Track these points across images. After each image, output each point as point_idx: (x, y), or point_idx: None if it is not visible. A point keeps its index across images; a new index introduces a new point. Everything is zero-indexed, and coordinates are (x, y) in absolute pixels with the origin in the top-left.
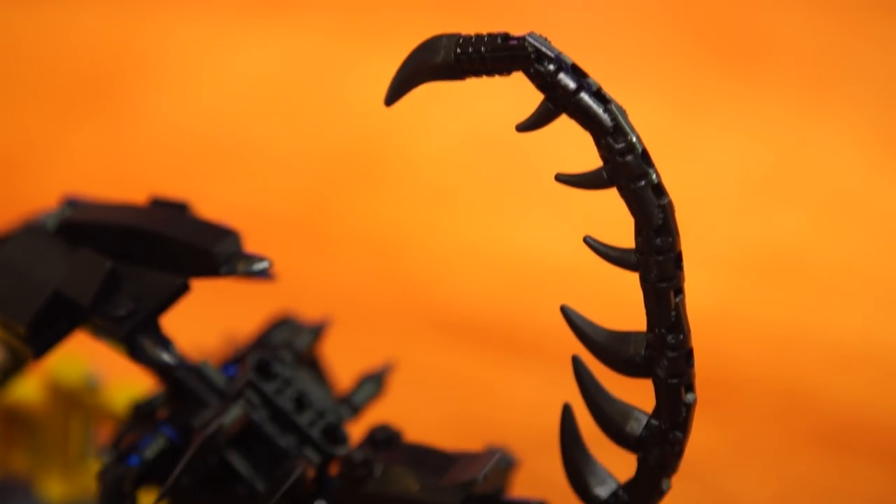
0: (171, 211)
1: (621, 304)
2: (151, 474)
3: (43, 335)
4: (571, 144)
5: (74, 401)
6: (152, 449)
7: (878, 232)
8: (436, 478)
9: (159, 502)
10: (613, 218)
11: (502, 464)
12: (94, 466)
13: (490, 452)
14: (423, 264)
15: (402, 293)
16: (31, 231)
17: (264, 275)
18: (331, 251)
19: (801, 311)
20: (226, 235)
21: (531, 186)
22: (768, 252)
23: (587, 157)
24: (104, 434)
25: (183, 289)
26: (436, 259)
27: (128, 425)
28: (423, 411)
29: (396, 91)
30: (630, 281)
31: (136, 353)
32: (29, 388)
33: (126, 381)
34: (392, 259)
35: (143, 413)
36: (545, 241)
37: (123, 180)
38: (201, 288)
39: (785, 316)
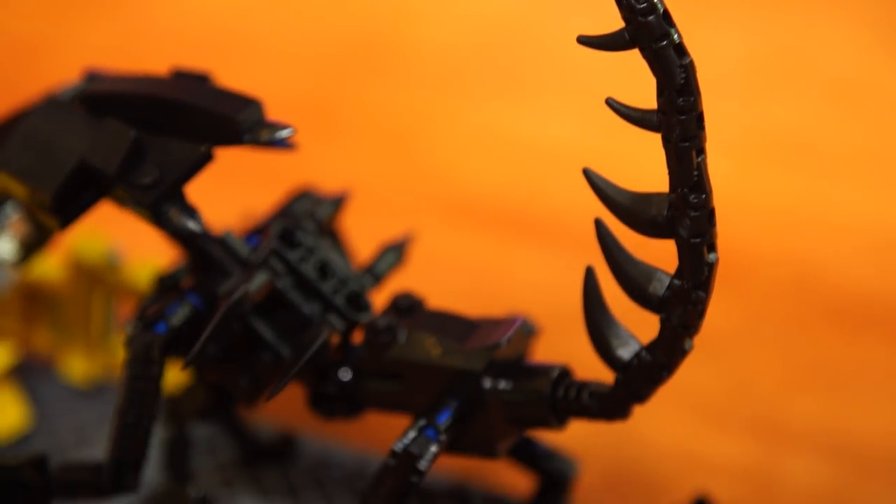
0: (193, 81)
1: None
2: (177, 342)
3: (69, 205)
4: (581, 26)
5: (96, 278)
6: (179, 316)
7: (884, 115)
8: (459, 342)
9: (186, 367)
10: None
11: (524, 330)
12: (115, 344)
13: (512, 319)
14: (434, 150)
15: (414, 179)
16: (53, 103)
17: (285, 144)
18: (341, 138)
19: (809, 193)
20: (249, 104)
21: (541, 73)
22: (776, 136)
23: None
24: (125, 312)
25: (207, 157)
26: (447, 145)
27: (153, 297)
28: (437, 289)
29: None
30: (639, 163)
31: (162, 222)
32: (51, 265)
33: (146, 259)
34: (403, 146)
35: (167, 285)
36: (555, 127)
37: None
38: (217, 173)
39: (794, 198)
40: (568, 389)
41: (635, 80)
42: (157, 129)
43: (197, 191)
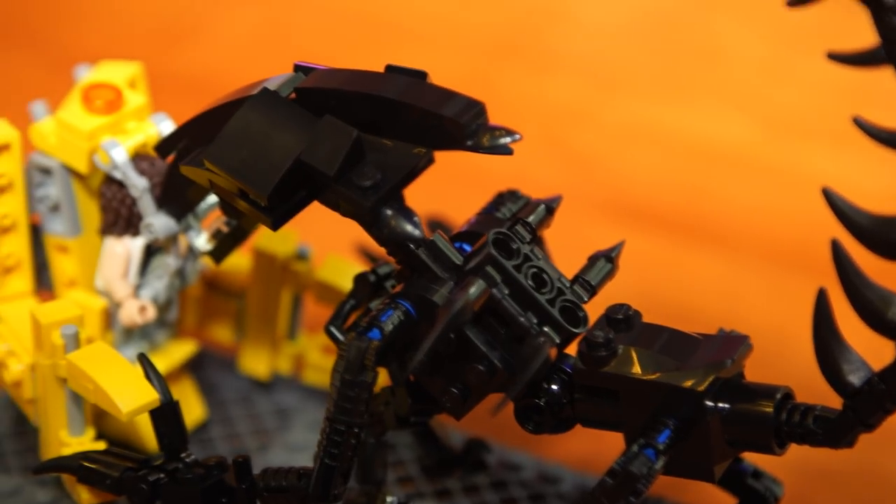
0: (410, 79)
1: (791, 190)
2: (388, 349)
3: (282, 205)
4: (737, 27)
5: (284, 272)
6: (392, 322)
7: None
8: (679, 359)
9: (406, 374)
10: (787, 104)
11: (745, 348)
12: (300, 342)
13: (737, 337)
14: (591, 146)
15: (570, 174)
16: (266, 97)
17: (505, 150)
18: None
19: None
20: (472, 106)
21: (702, 70)
22: None
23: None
24: (312, 308)
25: (428, 160)
26: (604, 140)
27: (353, 298)
28: (606, 291)
29: None
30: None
31: (379, 225)
32: (237, 259)
33: (334, 254)
34: (559, 140)
35: (367, 286)
36: (717, 125)
37: (279, 48)
38: None
39: None
40: (792, 413)
41: (799, 81)
42: (375, 128)
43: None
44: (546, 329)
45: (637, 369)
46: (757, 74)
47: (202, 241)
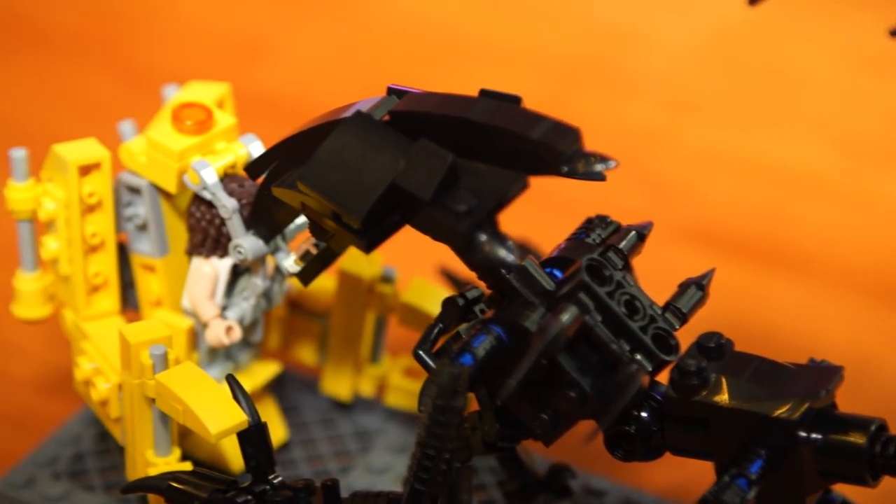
0: (504, 103)
1: (871, 216)
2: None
3: (375, 228)
4: (815, 51)
5: (369, 296)
6: (484, 347)
7: None
8: (773, 389)
9: (497, 400)
10: (865, 129)
11: (837, 379)
12: (383, 365)
13: (831, 367)
14: (667, 170)
15: (647, 198)
16: (361, 120)
17: (599, 176)
18: None
19: None
20: (568, 132)
21: (779, 93)
22: None
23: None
24: (396, 331)
25: (523, 186)
26: (681, 166)
27: (442, 322)
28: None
29: None
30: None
31: (472, 250)
32: (322, 281)
33: (419, 277)
34: (636, 164)
35: (456, 310)
36: (792, 150)
37: (356, 68)
38: None
39: None
40: (886, 444)
41: (878, 105)
42: (469, 152)
43: None
44: (638, 357)
45: (729, 398)
46: (835, 99)
47: (290, 263)
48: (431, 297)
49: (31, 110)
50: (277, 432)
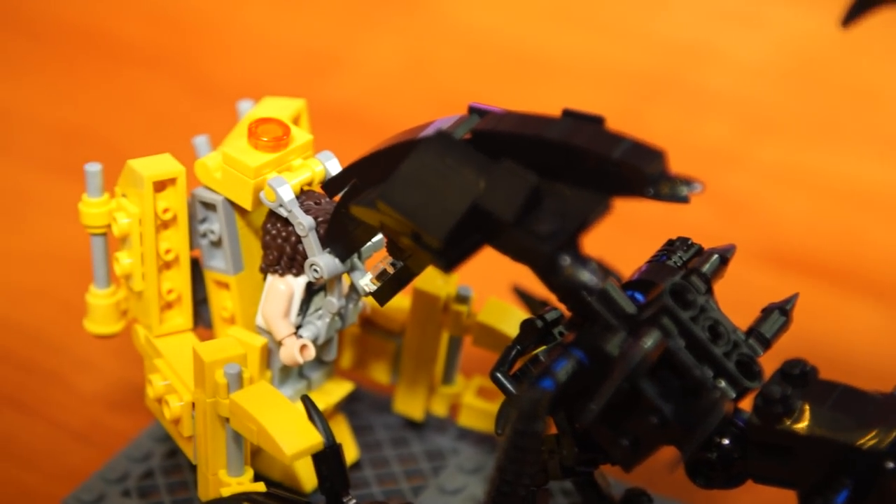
0: (587, 124)
1: None
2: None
3: (455, 249)
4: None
5: (444, 315)
6: (566, 371)
7: None
8: (859, 418)
9: (577, 424)
10: None
11: None
12: (457, 385)
13: None
14: (740, 189)
15: (720, 217)
16: (441, 140)
17: (684, 199)
18: None
19: None
20: (655, 155)
21: (854, 111)
22: None
23: None
24: (470, 350)
25: (606, 208)
26: (754, 184)
27: (519, 343)
28: None
29: (854, 12)
30: None
31: (555, 272)
32: (396, 299)
33: (496, 300)
34: (708, 182)
35: (534, 332)
36: (868, 169)
37: (427, 82)
38: None
39: None
40: None
41: None
42: (552, 173)
43: None
44: (722, 383)
45: (813, 427)
46: None
47: (367, 282)
48: (507, 318)
49: (102, 121)
50: (349, 451)
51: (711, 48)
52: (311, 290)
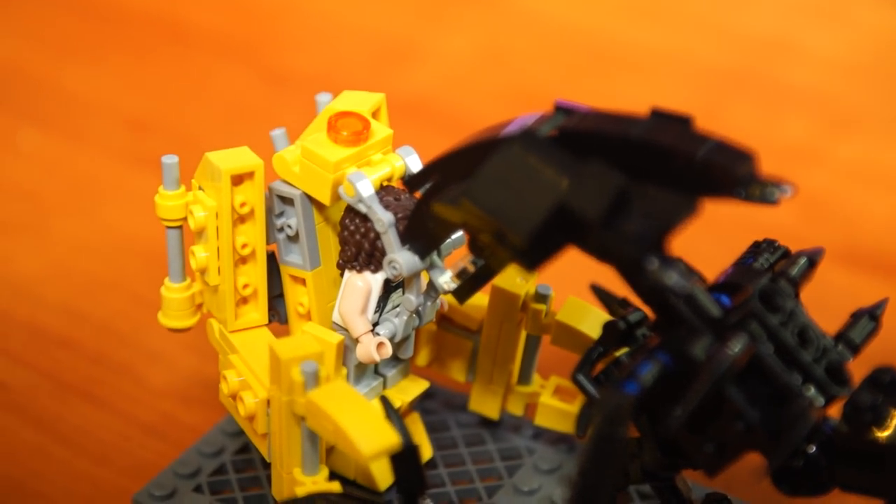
0: (676, 125)
1: None
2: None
3: (539, 248)
4: None
5: (523, 314)
6: (650, 375)
7: None
8: None
9: (662, 429)
10: None
11: None
12: (534, 384)
13: None
14: (821, 187)
15: (801, 216)
16: (527, 138)
17: (774, 202)
18: None
19: None
20: (743, 156)
21: None
22: None
23: None
24: (549, 350)
25: (694, 209)
26: (835, 182)
27: (603, 347)
28: None
29: None
30: None
31: (641, 274)
32: (474, 297)
33: (575, 299)
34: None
35: (617, 334)
36: None
37: (503, 74)
38: None
39: None
40: None
41: None
42: (639, 173)
43: None
44: (811, 390)
45: None
46: None
47: (446, 280)
48: (586, 317)
49: (175, 110)
50: (423, 449)
51: (791, 43)
52: (389, 287)
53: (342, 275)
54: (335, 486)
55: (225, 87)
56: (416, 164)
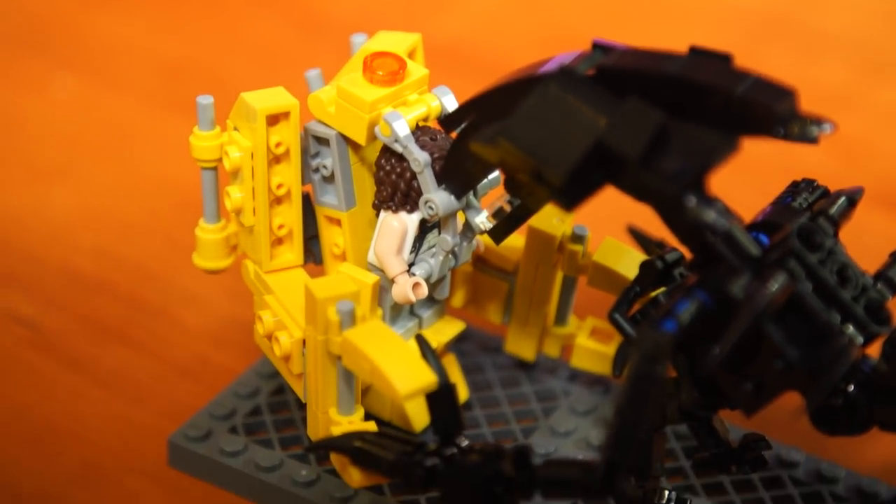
0: (715, 62)
1: None
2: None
3: (576, 187)
4: None
5: (559, 255)
6: (689, 313)
7: None
8: None
9: (700, 368)
10: None
11: None
12: (570, 326)
13: None
14: (858, 131)
15: (837, 160)
16: (565, 76)
17: (813, 140)
18: None
19: None
20: (785, 94)
21: None
22: None
23: None
24: (584, 291)
25: (734, 147)
26: (872, 126)
27: (640, 287)
28: None
29: None
30: None
31: (679, 213)
32: (511, 238)
33: (611, 240)
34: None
35: (655, 274)
36: None
37: (538, 17)
38: None
39: None
40: None
41: None
42: (678, 111)
43: None
44: (850, 328)
45: None
46: None
47: (482, 220)
48: (622, 258)
49: (209, 54)
50: (460, 391)
51: None
52: (425, 228)
53: (378, 215)
54: (371, 426)
55: (259, 32)
56: (451, 104)
